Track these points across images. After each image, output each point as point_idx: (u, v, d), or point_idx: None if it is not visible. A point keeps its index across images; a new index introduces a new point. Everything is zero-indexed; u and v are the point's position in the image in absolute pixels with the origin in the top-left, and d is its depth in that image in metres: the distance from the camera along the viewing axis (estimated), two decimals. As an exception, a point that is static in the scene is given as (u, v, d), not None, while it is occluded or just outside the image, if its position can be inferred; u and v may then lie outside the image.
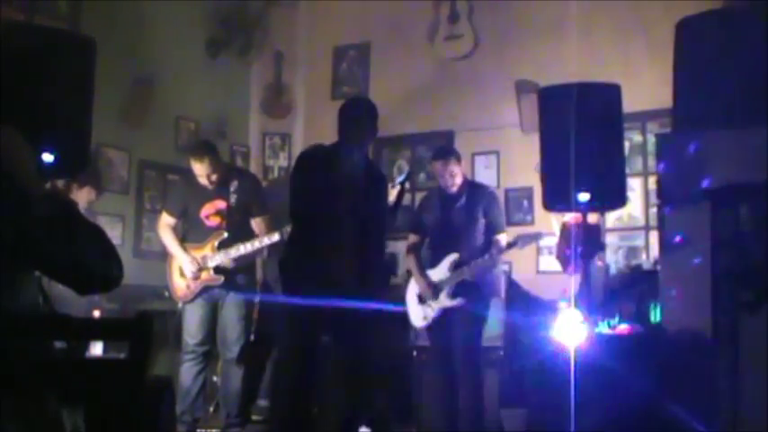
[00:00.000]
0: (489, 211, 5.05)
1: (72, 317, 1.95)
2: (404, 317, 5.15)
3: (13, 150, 1.77)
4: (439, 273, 5.00)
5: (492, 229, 5.02)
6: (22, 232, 1.73)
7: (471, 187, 5.19)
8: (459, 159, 5.10)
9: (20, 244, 1.74)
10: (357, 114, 4.27)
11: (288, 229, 4.79)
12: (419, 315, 5.06)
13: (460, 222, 5.02)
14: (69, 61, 3.34)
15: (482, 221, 5.02)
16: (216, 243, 4.99)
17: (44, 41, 3.36)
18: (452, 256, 4.96)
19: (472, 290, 4.93)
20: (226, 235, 5.00)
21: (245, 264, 5.09)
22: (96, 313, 5.28)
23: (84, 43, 3.51)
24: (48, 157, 3.20)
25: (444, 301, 4.95)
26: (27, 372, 1.68)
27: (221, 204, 5.04)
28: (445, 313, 4.96)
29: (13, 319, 1.70)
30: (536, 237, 5.36)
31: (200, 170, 4.97)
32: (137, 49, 6.64)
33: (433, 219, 5.11)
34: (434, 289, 4.97)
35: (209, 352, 5.09)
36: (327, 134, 4.53)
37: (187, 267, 4.98)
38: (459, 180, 5.07)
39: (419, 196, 6.15)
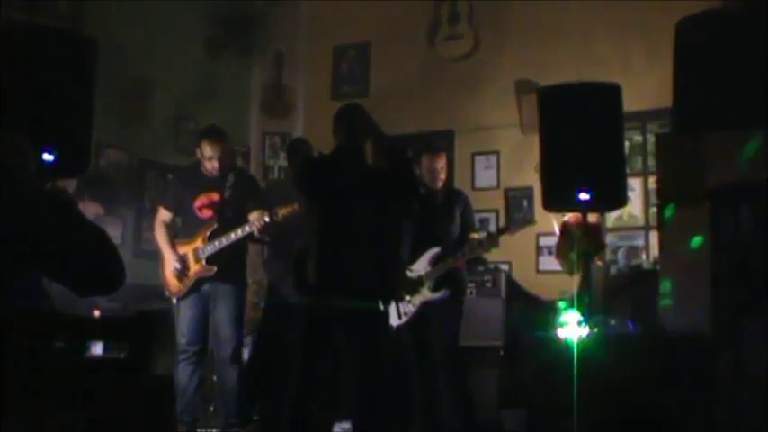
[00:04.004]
0: (465, 212, 5.14)
1: (72, 316, 1.95)
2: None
3: (14, 151, 1.77)
4: (418, 268, 5.00)
5: (467, 229, 5.11)
6: (23, 232, 1.73)
7: (449, 189, 5.34)
8: (446, 158, 5.15)
9: (20, 244, 1.74)
10: (353, 116, 4.33)
11: (278, 210, 4.79)
12: (396, 312, 5.00)
13: (439, 221, 5.07)
14: (70, 61, 3.34)
15: (458, 221, 5.09)
16: (207, 234, 4.99)
17: (44, 41, 3.37)
18: (433, 251, 4.98)
19: (453, 283, 4.98)
20: (216, 226, 4.99)
21: (237, 259, 5.07)
22: (96, 313, 5.28)
23: (84, 43, 3.51)
24: (48, 157, 3.20)
25: (427, 294, 4.96)
26: (27, 372, 1.68)
27: (215, 196, 5.03)
28: (424, 308, 4.96)
29: (12, 319, 1.70)
30: (528, 221, 5.40)
31: (212, 151, 4.95)
32: (137, 49, 6.64)
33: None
34: (411, 284, 4.97)
35: (203, 351, 5.07)
36: (328, 134, 4.54)
37: (172, 265, 4.98)
38: (443, 177, 5.10)
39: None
